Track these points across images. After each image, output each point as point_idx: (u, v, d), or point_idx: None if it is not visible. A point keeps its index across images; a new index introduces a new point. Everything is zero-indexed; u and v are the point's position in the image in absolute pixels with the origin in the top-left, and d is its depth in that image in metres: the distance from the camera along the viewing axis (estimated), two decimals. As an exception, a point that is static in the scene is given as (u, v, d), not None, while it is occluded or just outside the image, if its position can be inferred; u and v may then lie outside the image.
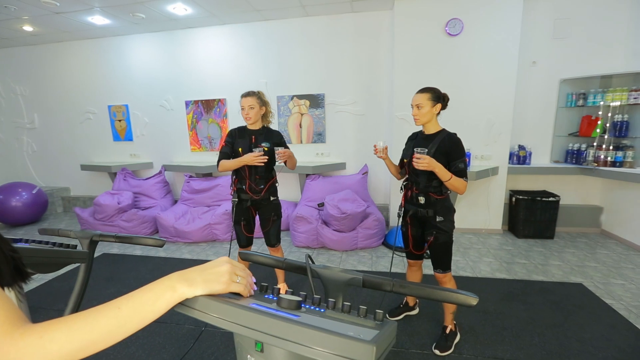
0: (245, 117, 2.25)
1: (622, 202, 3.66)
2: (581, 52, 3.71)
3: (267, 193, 2.34)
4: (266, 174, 2.33)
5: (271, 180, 2.37)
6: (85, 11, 3.79)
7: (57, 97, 5.18)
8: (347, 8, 3.93)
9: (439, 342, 2.00)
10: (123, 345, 2.09)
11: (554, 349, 1.99)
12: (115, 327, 0.47)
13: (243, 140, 2.30)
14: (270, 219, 2.40)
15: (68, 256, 0.94)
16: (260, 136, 2.30)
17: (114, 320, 0.47)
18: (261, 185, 2.32)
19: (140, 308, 0.49)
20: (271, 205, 2.39)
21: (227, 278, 0.54)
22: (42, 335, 0.44)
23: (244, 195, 2.33)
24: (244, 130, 2.34)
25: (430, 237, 1.93)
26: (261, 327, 0.48)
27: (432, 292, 0.72)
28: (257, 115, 2.27)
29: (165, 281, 0.52)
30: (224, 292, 0.54)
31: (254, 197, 2.32)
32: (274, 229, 2.44)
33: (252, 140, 2.28)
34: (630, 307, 2.41)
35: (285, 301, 0.55)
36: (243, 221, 2.39)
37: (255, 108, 2.24)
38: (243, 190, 2.32)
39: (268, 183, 2.35)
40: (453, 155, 1.82)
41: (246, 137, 2.30)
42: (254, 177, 2.30)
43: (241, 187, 2.33)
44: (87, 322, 0.46)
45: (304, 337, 0.45)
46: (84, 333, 0.45)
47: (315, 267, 0.81)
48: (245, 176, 2.29)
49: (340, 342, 0.44)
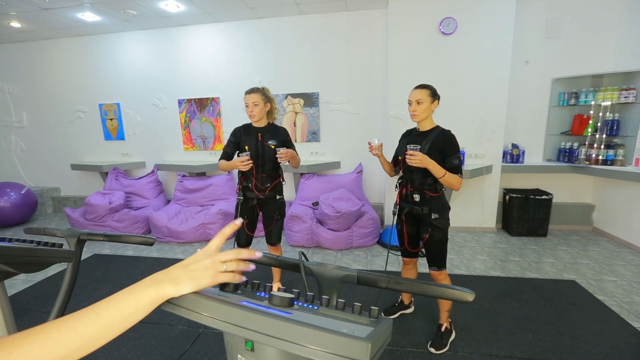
0: (250, 115, 2.20)
1: (613, 200, 3.70)
2: (573, 52, 3.74)
3: (272, 192, 2.31)
4: (273, 172, 2.30)
5: (277, 179, 2.34)
6: (74, 7, 3.72)
7: (47, 95, 5.08)
8: (342, 6, 3.92)
9: (435, 340, 2.00)
10: (114, 347, 2.05)
11: (548, 345, 1.99)
12: (94, 333, 0.44)
13: (249, 138, 2.25)
14: (274, 218, 2.37)
15: (53, 255, 0.91)
16: (266, 134, 2.26)
17: (92, 326, 0.44)
18: (267, 183, 2.29)
19: (121, 311, 0.46)
20: (276, 204, 2.36)
21: (212, 270, 0.52)
22: (12, 351, 0.40)
23: (249, 193, 2.30)
24: (249, 127, 2.29)
25: (426, 235, 1.92)
26: (251, 326, 0.46)
27: (427, 289, 0.71)
28: (262, 112, 2.21)
29: (147, 281, 0.49)
30: (212, 285, 0.52)
31: (260, 195, 2.29)
32: (277, 227, 2.41)
33: (259, 138, 2.24)
34: (622, 303, 2.43)
35: (277, 298, 0.53)
36: (246, 219, 2.35)
37: (260, 105, 2.18)
38: (249, 189, 2.29)
39: (274, 182, 2.32)
40: (447, 152, 1.82)
41: (252, 135, 2.26)
42: (260, 176, 2.27)
43: (247, 186, 2.29)
44: (63, 332, 0.43)
45: (296, 335, 0.43)
46: (61, 344, 0.42)
47: (309, 264, 0.79)
48: (252, 174, 2.26)
49: (334, 339, 0.42)
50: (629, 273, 2.89)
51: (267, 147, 2.22)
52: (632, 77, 3.42)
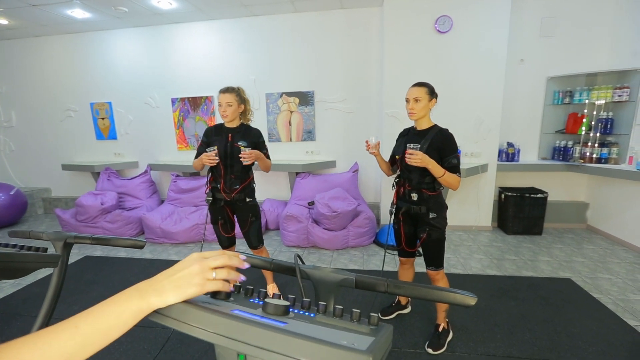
0: (222, 114, 2.15)
1: (607, 198, 3.73)
2: (567, 51, 3.76)
3: (241, 194, 2.26)
4: (242, 174, 2.24)
5: (247, 181, 2.28)
6: (64, 4, 3.63)
7: (36, 94, 4.98)
8: (337, 4, 3.88)
9: (432, 340, 1.98)
10: (105, 352, 2.00)
11: (545, 344, 1.99)
12: (72, 349, 0.41)
13: (219, 138, 2.21)
14: (247, 220, 2.32)
15: (36, 260, 0.87)
16: (237, 134, 2.21)
17: (70, 342, 0.41)
18: (236, 185, 2.23)
19: (102, 324, 0.43)
20: (247, 207, 2.30)
21: (200, 278, 0.49)
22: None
23: (218, 194, 2.26)
24: (220, 127, 2.25)
25: (423, 234, 1.90)
26: (244, 338, 0.43)
27: (428, 292, 0.68)
28: (235, 113, 2.18)
29: (131, 292, 0.46)
30: (200, 294, 0.49)
31: (227, 197, 2.24)
32: (253, 230, 2.36)
33: (229, 139, 2.20)
34: (617, 300, 2.44)
35: (272, 306, 0.50)
36: (220, 220, 2.32)
37: (234, 105, 2.14)
38: (217, 190, 2.25)
39: (243, 183, 2.26)
40: (446, 151, 1.80)
41: (222, 135, 2.21)
42: (229, 177, 2.22)
43: (216, 186, 2.26)
44: (37, 348, 0.39)
45: (292, 349, 0.40)
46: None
47: (305, 268, 0.76)
48: (220, 175, 2.22)
49: (333, 352, 0.39)
50: (623, 270, 2.91)
51: (236, 148, 2.17)
52: (625, 75, 3.44)
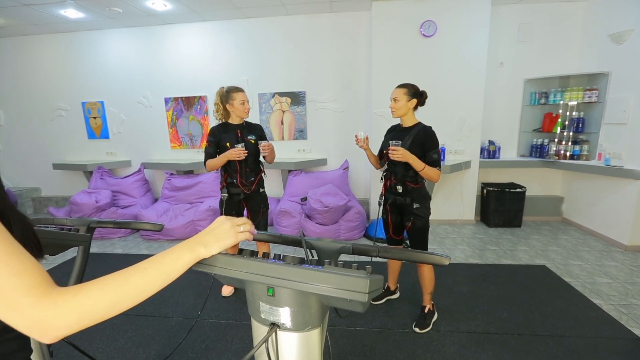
0: (245, 111, 2.32)
1: (580, 192, 4.01)
2: (542, 55, 4.02)
3: (257, 185, 2.43)
4: (255, 166, 2.42)
5: (260, 173, 2.46)
6: (58, 3, 3.67)
7: (26, 92, 4.95)
8: (327, 8, 4.04)
9: (419, 320, 2.16)
10: (111, 338, 2.10)
11: (520, 321, 2.20)
12: (143, 285, 0.54)
13: (228, 135, 2.35)
14: (260, 210, 2.48)
15: (73, 238, 0.99)
16: (244, 130, 2.38)
17: (141, 279, 0.54)
18: (251, 177, 2.40)
19: (163, 268, 0.57)
20: (260, 197, 2.48)
21: (233, 232, 0.63)
22: (77, 293, 0.49)
23: (235, 189, 2.39)
24: (226, 125, 2.39)
25: (409, 223, 2.08)
26: (273, 273, 0.58)
27: (410, 255, 0.85)
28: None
29: (182, 246, 0.60)
30: (235, 242, 0.64)
31: (245, 190, 2.39)
32: (264, 219, 2.52)
33: (239, 135, 2.35)
34: (585, 284, 2.68)
35: (290, 258, 0.65)
36: (234, 215, 2.45)
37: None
38: (234, 185, 2.38)
39: (257, 175, 2.43)
40: (427, 147, 1.98)
41: (231, 132, 2.36)
42: (244, 171, 2.37)
43: (232, 182, 2.38)
44: (117, 282, 0.53)
45: (311, 278, 0.55)
46: (115, 291, 0.52)
47: (309, 239, 0.91)
48: (236, 170, 2.35)
49: (341, 278, 0.54)
50: (592, 257, 3.17)
51: (247, 142, 2.33)
52: (594, 78, 3.72)
